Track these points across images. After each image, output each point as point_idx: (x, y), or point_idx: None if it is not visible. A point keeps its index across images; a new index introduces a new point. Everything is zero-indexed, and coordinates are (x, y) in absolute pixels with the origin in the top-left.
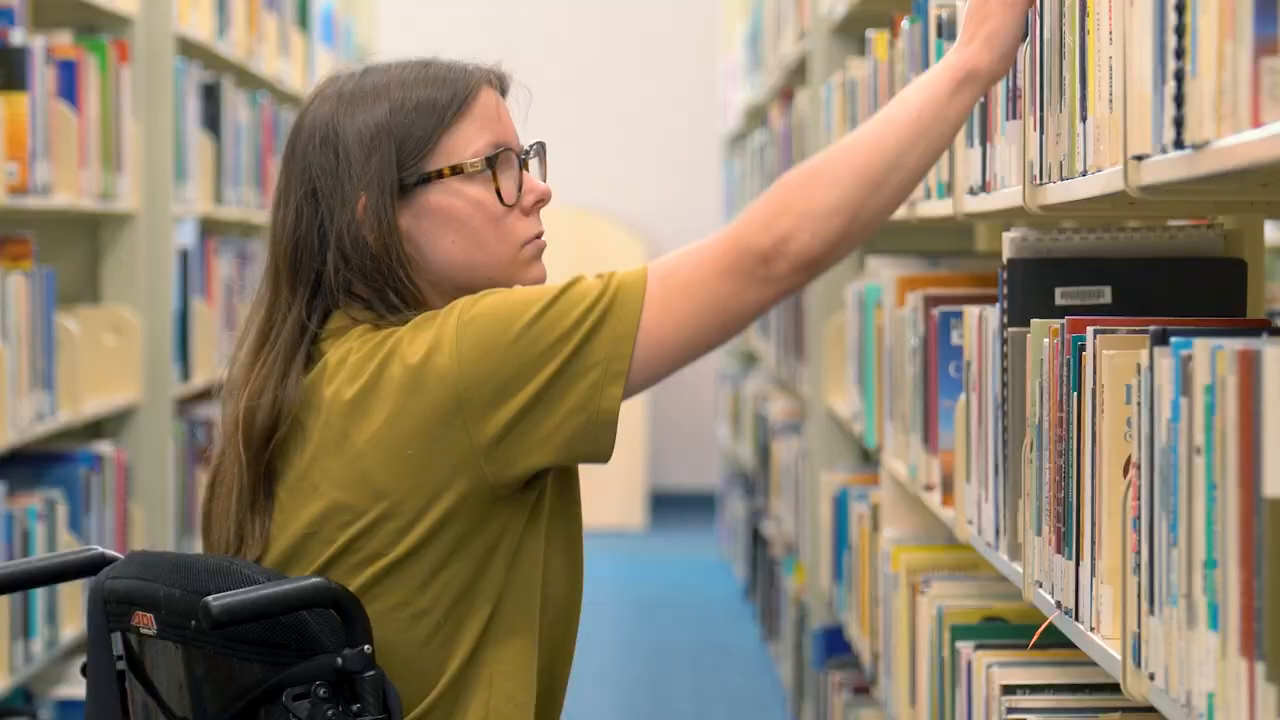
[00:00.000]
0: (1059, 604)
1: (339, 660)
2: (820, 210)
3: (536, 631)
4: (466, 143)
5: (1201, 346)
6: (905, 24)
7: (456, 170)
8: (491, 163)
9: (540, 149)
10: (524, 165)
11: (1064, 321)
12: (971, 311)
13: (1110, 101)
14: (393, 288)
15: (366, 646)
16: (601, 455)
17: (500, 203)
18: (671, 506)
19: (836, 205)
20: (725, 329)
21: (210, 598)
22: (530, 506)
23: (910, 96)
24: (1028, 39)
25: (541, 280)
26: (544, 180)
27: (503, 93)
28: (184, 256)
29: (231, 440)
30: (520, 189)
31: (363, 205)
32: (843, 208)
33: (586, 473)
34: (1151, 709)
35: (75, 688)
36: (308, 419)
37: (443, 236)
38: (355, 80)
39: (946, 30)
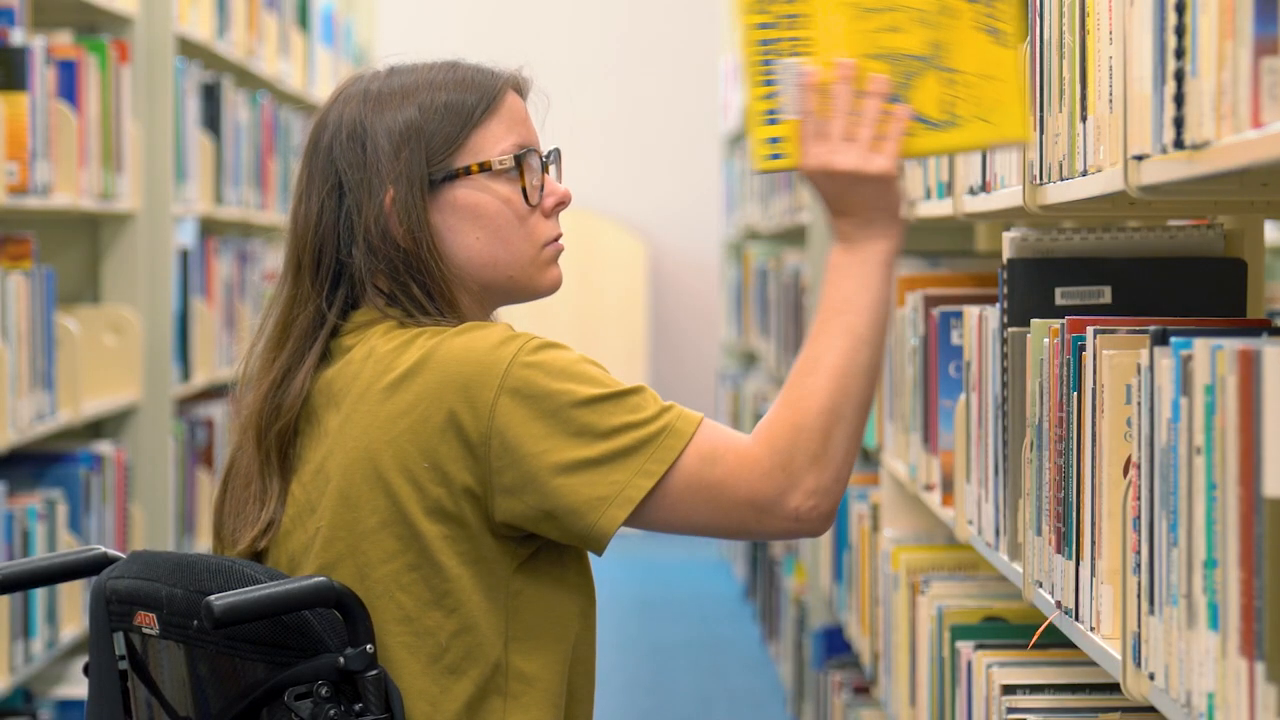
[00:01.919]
0: (1059, 604)
1: (341, 659)
2: (843, 460)
3: (559, 696)
4: (494, 142)
5: (1201, 346)
6: None
7: (485, 168)
8: (519, 161)
9: (557, 155)
10: (545, 169)
11: (1064, 321)
12: (971, 311)
13: (1110, 101)
14: (418, 281)
15: (369, 646)
16: (594, 551)
17: (525, 202)
18: None
19: (851, 445)
20: (731, 535)
21: (212, 597)
22: (525, 556)
23: (856, 299)
24: (1028, 39)
25: (558, 283)
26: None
27: (523, 97)
28: (184, 256)
29: (248, 433)
30: (542, 190)
31: (390, 199)
32: (854, 443)
33: None
34: (1151, 709)
35: (75, 688)
36: (326, 414)
37: (468, 232)
38: (382, 80)
39: None
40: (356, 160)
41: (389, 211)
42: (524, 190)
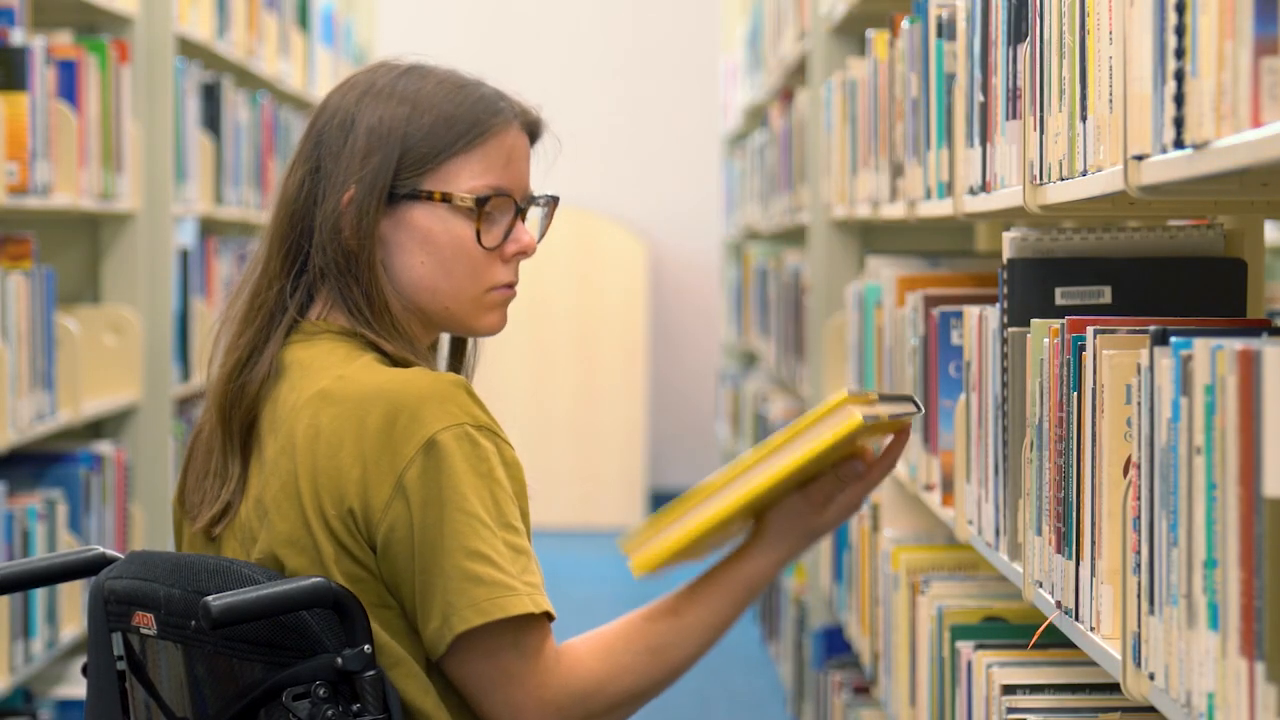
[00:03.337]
0: (1059, 604)
1: (339, 660)
2: None
3: None
4: (468, 176)
5: (1201, 346)
6: (905, 24)
7: (446, 199)
8: (481, 204)
9: (550, 201)
10: (521, 214)
11: (1064, 321)
12: (971, 311)
13: (1110, 101)
14: (358, 285)
15: (366, 646)
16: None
17: (478, 244)
18: None
19: None
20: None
21: (210, 597)
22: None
23: (728, 621)
24: (1029, 38)
25: (497, 328)
26: (544, 231)
27: (532, 138)
28: (184, 256)
29: (212, 405)
30: (506, 236)
31: (348, 197)
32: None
33: (585, 470)
34: (1151, 709)
35: (75, 688)
36: (268, 439)
37: (414, 254)
38: (394, 75)
39: (946, 30)
40: (336, 148)
41: (344, 209)
42: (478, 233)
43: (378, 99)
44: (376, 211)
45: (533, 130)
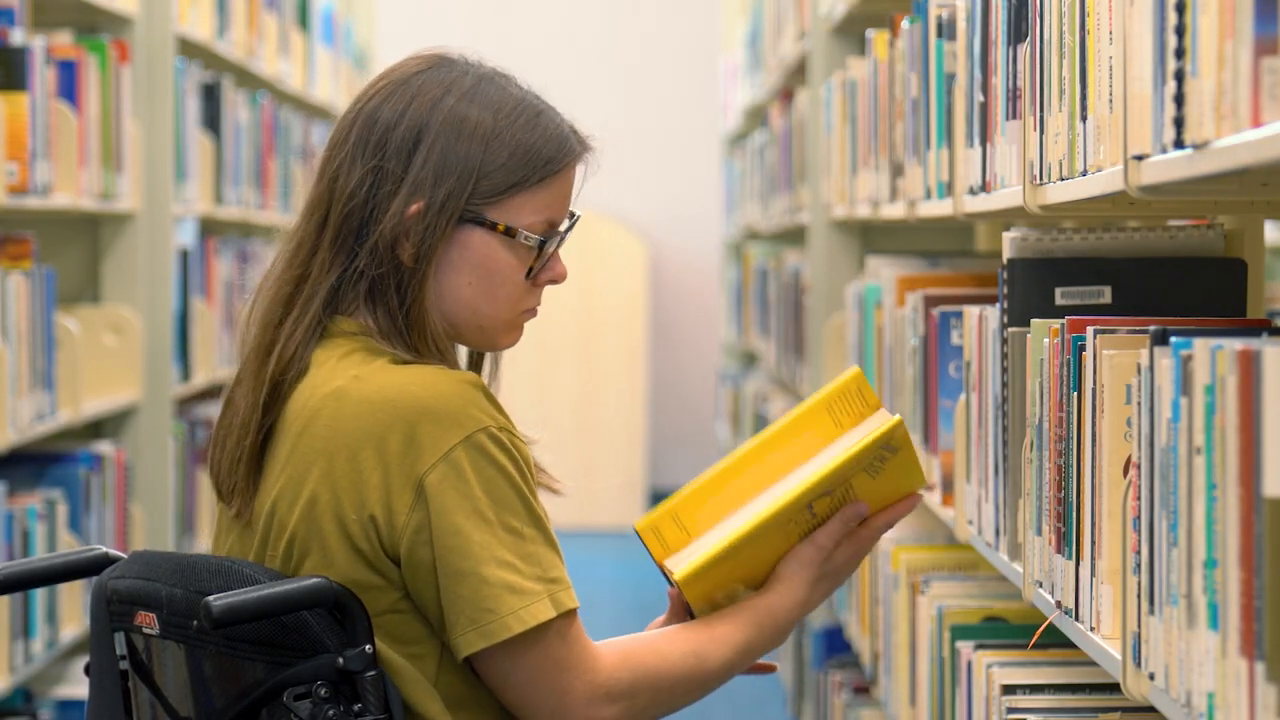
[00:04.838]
0: (1059, 604)
1: (340, 660)
2: None
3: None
4: (530, 211)
5: (1201, 346)
6: (905, 24)
7: (509, 232)
8: (542, 245)
9: (574, 223)
10: (560, 242)
11: (1064, 321)
12: (971, 311)
13: (1110, 101)
14: (400, 299)
15: (368, 646)
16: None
17: (525, 276)
18: None
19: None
20: (526, 713)
21: (212, 597)
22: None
23: (778, 636)
24: (1029, 38)
25: (514, 344)
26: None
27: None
28: (184, 256)
29: (246, 381)
30: (545, 266)
31: (415, 211)
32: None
33: (585, 471)
34: (1151, 709)
35: (75, 688)
36: (278, 434)
37: (463, 274)
38: (468, 86)
39: (946, 30)
40: (404, 155)
41: (408, 221)
42: (531, 268)
43: (456, 106)
44: (442, 231)
45: (586, 162)
